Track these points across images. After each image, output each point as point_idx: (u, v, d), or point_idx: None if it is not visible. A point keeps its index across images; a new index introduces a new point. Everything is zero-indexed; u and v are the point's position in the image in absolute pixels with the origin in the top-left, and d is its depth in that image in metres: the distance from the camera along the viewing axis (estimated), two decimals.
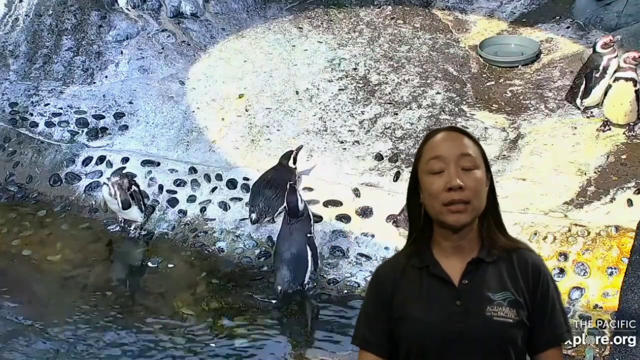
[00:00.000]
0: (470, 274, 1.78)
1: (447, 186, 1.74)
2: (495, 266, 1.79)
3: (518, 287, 1.77)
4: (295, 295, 4.13)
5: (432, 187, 1.77)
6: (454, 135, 1.83)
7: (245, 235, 4.57)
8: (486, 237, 1.81)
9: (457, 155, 1.77)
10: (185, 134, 5.36)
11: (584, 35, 5.89)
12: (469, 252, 1.80)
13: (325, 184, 4.73)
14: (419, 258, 1.83)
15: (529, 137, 4.93)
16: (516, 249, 1.82)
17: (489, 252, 1.80)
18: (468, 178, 1.76)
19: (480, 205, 1.79)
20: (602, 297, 3.72)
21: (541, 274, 1.79)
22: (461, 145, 1.79)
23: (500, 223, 1.86)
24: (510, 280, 1.77)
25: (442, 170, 1.76)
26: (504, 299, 1.74)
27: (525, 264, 1.79)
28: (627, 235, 3.87)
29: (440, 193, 1.75)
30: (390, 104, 5.40)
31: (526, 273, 1.78)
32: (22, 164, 5.32)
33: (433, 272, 1.79)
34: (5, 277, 4.43)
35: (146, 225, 4.76)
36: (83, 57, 6.00)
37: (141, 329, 3.99)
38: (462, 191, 1.74)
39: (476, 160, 1.79)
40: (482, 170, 1.80)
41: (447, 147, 1.79)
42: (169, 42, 6.19)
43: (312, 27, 6.40)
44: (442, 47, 6.04)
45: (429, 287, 1.79)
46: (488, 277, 1.77)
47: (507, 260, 1.80)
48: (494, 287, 1.76)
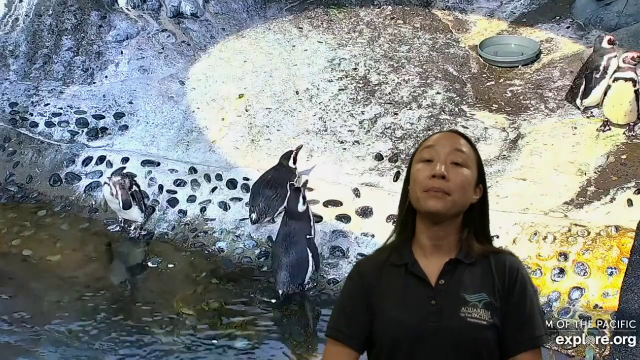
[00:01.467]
0: (447, 274, 1.79)
1: (432, 173, 1.77)
2: (473, 268, 1.80)
3: (494, 290, 1.77)
4: (295, 295, 4.13)
5: (418, 173, 1.80)
6: (453, 135, 1.87)
7: (245, 235, 4.57)
8: (466, 242, 1.82)
9: (449, 149, 1.80)
10: (185, 134, 5.36)
11: (584, 35, 5.89)
12: (447, 253, 1.81)
13: (325, 184, 4.74)
14: (399, 255, 1.84)
15: (529, 137, 4.93)
16: (495, 253, 1.83)
17: (466, 255, 1.81)
18: (454, 172, 1.78)
19: (460, 202, 1.79)
20: (602, 297, 3.72)
21: (518, 276, 1.79)
22: (456, 142, 1.83)
23: (486, 236, 1.87)
24: (487, 282, 1.78)
25: (431, 159, 1.79)
26: (479, 300, 1.75)
27: (502, 267, 1.80)
28: (627, 235, 3.87)
29: (423, 179, 1.78)
30: (390, 104, 5.40)
31: (503, 275, 1.79)
32: (22, 164, 5.32)
33: (411, 270, 1.81)
34: (5, 277, 4.43)
35: (146, 225, 4.77)
36: (83, 57, 6.00)
37: (141, 329, 3.99)
38: (445, 181, 1.76)
39: (468, 159, 1.81)
40: (472, 172, 1.81)
41: (441, 140, 1.84)
42: (169, 42, 6.19)
43: (312, 27, 6.40)
44: (442, 47, 6.04)
45: (406, 285, 1.80)
46: (465, 278, 1.78)
47: (485, 262, 1.81)
48: (470, 289, 1.77)
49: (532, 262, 3.93)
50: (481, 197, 1.84)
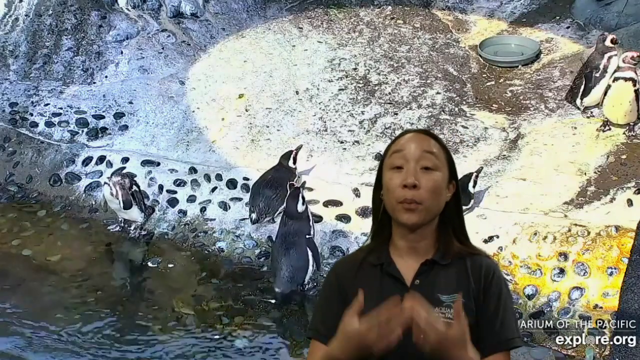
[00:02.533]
0: (422, 274, 1.81)
1: (403, 183, 1.77)
2: (448, 269, 1.81)
3: (469, 291, 1.78)
4: (295, 295, 4.13)
5: (390, 182, 1.80)
6: (422, 136, 1.85)
7: (245, 235, 4.57)
8: (442, 243, 1.84)
9: (418, 153, 1.79)
10: (185, 134, 5.36)
11: (584, 35, 5.89)
12: (424, 254, 1.83)
13: (325, 184, 4.74)
14: (376, 255, 1.86)
15: (529, 137, 4.94)
16: (471, 255, 1.84)
17: (443, 256, 1.82)
18: (425, 178, 1.78)
19: (434, 208, 1.80)
20: (602, 297, 3.72)
21: (493, 278, 1.81)
22: (425, 144, 1.82)
23: (463, 233, 1.88)
24: (462, 283, 1.79)
25: (402, 166, 1.79)
26: (454, 301, 1.75)
27: (478, 268, 1.81)
28: (627, 235, 3.87)
29: (395, 189, 1.78)
30: (390, 104, 5.40)
31: (479, 277, 1.80)
32: (22, 164, 5.32)
33: (387, 270, 1.82)
34: (5, 277, 4.43)
35: (146, 225, 4.76)
36: (83, 57, 6.00)
37: (141, 329, 3.98)
38: (417, 190, 1.76)
39: (438, 161, 1.81)
40: (443, 173, 1.81)
41: (410, 144, 1.82)
42: (169, 42, 6.19)
43: (312, 27, 6.40)
44: (442, 47, 6.05)
45: (382, 285, 1.81)
46: (440, 279, 1.80)
47: (460, 263, 1.82)
48: (445, 289, 1.78)
49: (532, 262, 3.93)
50: (454, 193, 1.85)
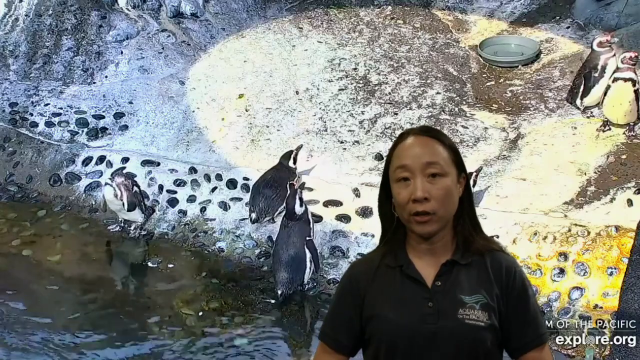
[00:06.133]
0: (443, 275, 1.77)
1: (412, 198, 1.73)
2: (469, 268, 1.78)
3: (491, 290, 1.76)
4: (295, 295, 4.13)
5: (399, 197, 1.76)
6: (423, 141, 1.78)
7: (245, 235, 4.57)
8: (461, 238, 1.80)
9: (423, 164, 1.74)
10: (185, 134, 5.36)
11: (584, 35, 5.89)
12: (442, 254, 1.79)
13: (325, 184, 4.73)
14: (393, 257, 1.82)
15: (529, 137, 4.94)
16: (490, 251, 1.81)
17: (463, 255, 1.79)
18: (434, 187, 1.73)
19: (447, 214, 1.77)
20: (602, 297, 3.72)
21: (516, 276, 1.78)
22: (429, 152, 1.76)
23: (476, 223, 1.84)
24: (484, 283, 1.77)
25: (408, 177, 1.75)
26: (477, 301, 1.74)
27: (499, 267, 1.79)
28: (627, 235, 3.87)
29: (406, 203, 1.74)
30: (390, 104, 5.40)
31: (500, 276, 1.77)
32: (22, 164, 5.32)
33: (406, 272, 1.79)
34: (5, 277, 4.43)
35: (146, 225, 4.77)
36: (83, 57, 6.00)
37: (141, 329, 3.99)
38: (427, 202, 1.72)
39: (444, 167, 1.75)
40: (451, 175, 1.76)
41: (413, 155, 1.76)
42: (169, 42, 6.19)
43: (312, 27, 6.40)
44: (442, 47, 6.05)
45: (402, 287, 1.78)
46: (461, 280, 1.77)
47: (480, 262, 1.79)
48: (467, 290, 1.75)
49: (532, 262, 3.93)
50: (465, 186, 1.81)
